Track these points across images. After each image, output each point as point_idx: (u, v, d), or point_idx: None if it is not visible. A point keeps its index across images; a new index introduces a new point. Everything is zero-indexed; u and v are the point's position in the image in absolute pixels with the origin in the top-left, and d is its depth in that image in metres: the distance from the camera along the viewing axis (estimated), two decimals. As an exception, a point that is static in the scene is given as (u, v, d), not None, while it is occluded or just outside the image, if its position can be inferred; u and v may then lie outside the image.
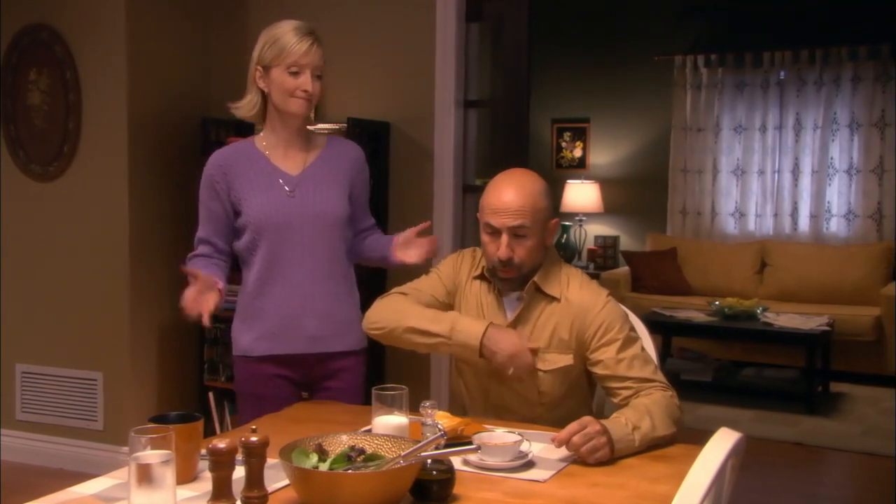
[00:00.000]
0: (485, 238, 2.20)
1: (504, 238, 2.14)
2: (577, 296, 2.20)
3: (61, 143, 4.09)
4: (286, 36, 2.36)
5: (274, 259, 2.42)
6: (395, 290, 2.33)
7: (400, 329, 2.20)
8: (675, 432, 2.02)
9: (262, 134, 2.50)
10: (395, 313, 2.22)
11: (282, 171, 2.44)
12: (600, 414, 2.33)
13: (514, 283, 2.21)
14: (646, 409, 1.99)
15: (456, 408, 2.36)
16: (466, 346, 2.11)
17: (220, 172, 2.45)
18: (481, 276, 2.28)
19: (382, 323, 2.24)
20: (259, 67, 2.41)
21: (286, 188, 2.42)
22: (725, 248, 7.06)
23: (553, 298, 2.20)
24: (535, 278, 2.20)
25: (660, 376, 2.12)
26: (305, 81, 2.36)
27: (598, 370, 2.15)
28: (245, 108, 2.47)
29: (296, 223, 2.40)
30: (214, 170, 2.47)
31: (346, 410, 2.32)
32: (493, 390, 2.26)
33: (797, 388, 5.63)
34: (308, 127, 2.52)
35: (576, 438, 1.83)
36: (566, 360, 2.18)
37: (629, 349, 2.13)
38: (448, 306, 2.29)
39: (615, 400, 2.13)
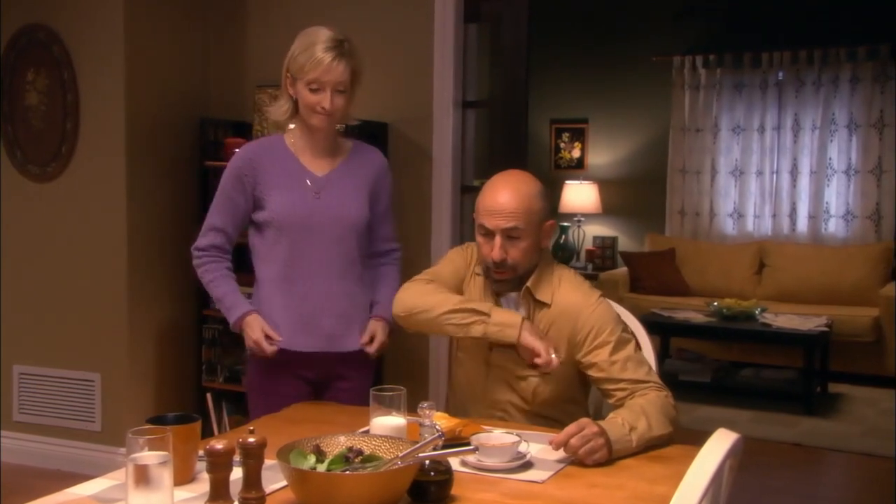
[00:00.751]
0: (479, 239, 2.21)
1: (497, 240, 2.15)
2: (569, 298, 2.21)
3: (59, 144, 4.09)
4: (310, 49, 2.35)
5: (294, 257, 2.45)
6: (418, 277, 2.33)
7: (437, 312, 2.18)
8: (672, 432, 2.02)
9: (291, 132, 2.52)
10: (430, 297, 2.22)
11: (309, 171, 2.47)
12: (598, 415, 2.33)
13: (509, 283, 2.22)
14: (641, 409, 2.00)
15: (453, 405, 2.37)
16: (507, 324, 2.11)
17: (248, 165, 2.47)
18: (482, 273, 2.30)
19: (421, 307, 2.22)
20: (288, 74, 2.43)
21: (312, 188, 2.44)
22: (724, 249, 7.06)
23: (545, 304, 2.21)
24: (529, 283, 2.21)
25: (654, 377, 2.13)
26: (323, 99, 2.36)
27: (592, 373, 2.16)
28: (276, 112, 2.50)
29: (317, 223, 2.42)
30: (243, 162, 2.49)
31: (344, 411, 2.32)
32: (491, 386, 2.26)
33: (796, 388, 5.63)
34: (337, 126, 2.54)
35: (573, 441, 1.83)
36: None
37: (622, 351, 2.14)
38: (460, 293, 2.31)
39: (610, 401, 2.14)
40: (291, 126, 2.54)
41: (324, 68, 2.33)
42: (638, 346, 2.20)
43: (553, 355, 2.08)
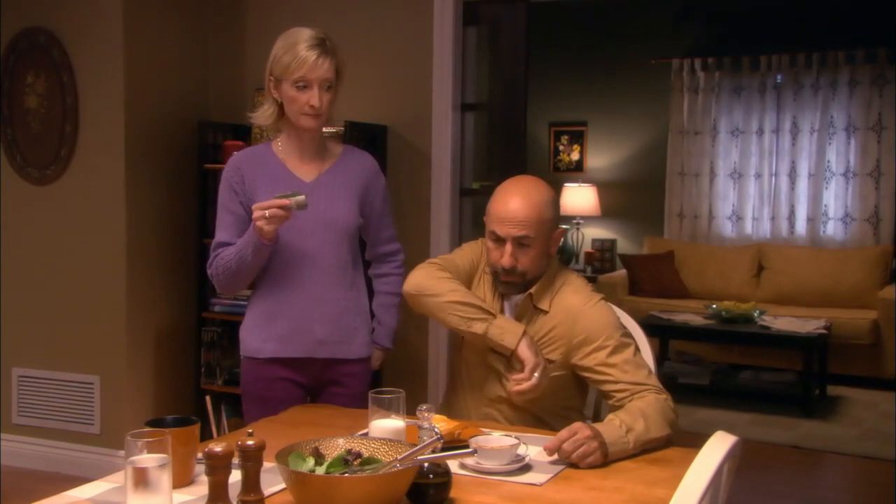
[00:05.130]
0: (489, 244, 2.23)
1: (508, 247, 2.17)
2: (568, 301, 2.22)
3: (58, 147, 4.09)
4: (293, 49, 2.34)
5: (284, 263, 2.44)
6: (433, 261, 2.34)
7: (446, 299, 2.20)
8: (671, 434, 2.02)
9: (279, 139, 2.52)
10: (442, 283, 2.23)
11: (297, 177, 2.46)
12: (597, 419, 2.34)
13: (517, 287, 2.24)
14: (640, 411, 2.00)
15: (450, 401, 2.38)
16: (508, 330, 2.14)
17: (237, 175, 2.47)
18: (490, 273, 2.32)
19: (431, 290, 2.23)
20: (271, 78, 2.41)
21: None
22: (723, 252, 7.06)
23: (543, 311, 2.23)
24: (532, 290, 2.23)
25: (653, 380, 2.13)
26: (312, 96, 2.35)
27: (589, 375, 2.17)
28: (261, 117, 2.48)
29: (306, 229, 2.41)
30: (232, 172, 2.49)
31: (343, 414, 2.32)
32: (490, 380, 2.27)
33: (794, 391, 5.64)
34: (324, 129, 2.53)
35: (566, 445, 1.84)
36: (554, 362, 2.19)
37: (620, 354, 2.14)
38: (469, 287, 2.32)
39: (609, 402, 2.15)
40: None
41: (310, 66, 2.33)
42: (637, 350, 2.20)
43: (535, 378, 2.08)
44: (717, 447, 1.47)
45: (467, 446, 1.82)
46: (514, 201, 2.17)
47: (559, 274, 2.28)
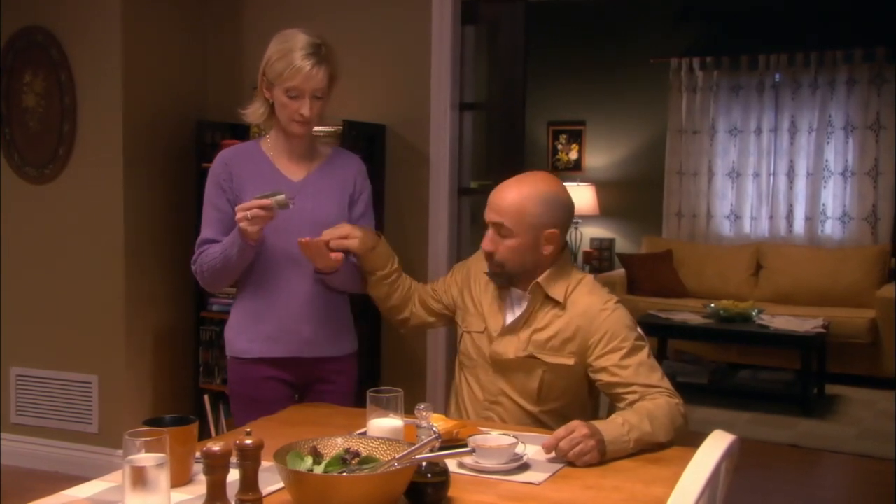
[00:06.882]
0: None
1: (489, 232, 2.22)
2: (584, 301, 2.20)
3: (56, 146, 4.08)
4: (289, 56, 2.31)
5: (271, 264, 2.43)
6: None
7: None
8: (674, 438, 2.01)
9: (268, 137, 2.51)
10: None
11: (285, 176, 2.45)
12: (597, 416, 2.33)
13: (500, 278, 2.25)
14: (647, 412, 1.99)
15: (454, 407, 2.37)
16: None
17: (225, 171, 2.46)
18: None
19: None
20: (264, 78, 2.40)
21: (287, 193, 2.42)
22: (721, 251, 7.07)
23: (557, 302, 2.21)
24: (539, 280, 2.21)
25: (666, 383, 2.12)
26: (302, 106, 2.34)
27: (602, 377, 2.15)
28: (252, 115, 2.48)
29: (293, 228, 2.40)
30: (220, 168, 2.48)
31: (341, 413, 2.32)
32: (496, 387, 2.27)
33: (793, 390, 5.64)
34: (316, 128, 2.53)
35: (562, 444, 1.84)
36: (567, 360, 2.19)
37: (635, 356, 2.13)
38: (449, 305, 2.43)
39: (620, 405, 2.13)
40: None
41: (303, 76, 2.31)
42: (651, 353, 2.19)
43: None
44: (715, 446, 1.48)
45: (465, 445, 1.82)
46: (502, 189, 2.21)
47: (574, 272, 2.28)
